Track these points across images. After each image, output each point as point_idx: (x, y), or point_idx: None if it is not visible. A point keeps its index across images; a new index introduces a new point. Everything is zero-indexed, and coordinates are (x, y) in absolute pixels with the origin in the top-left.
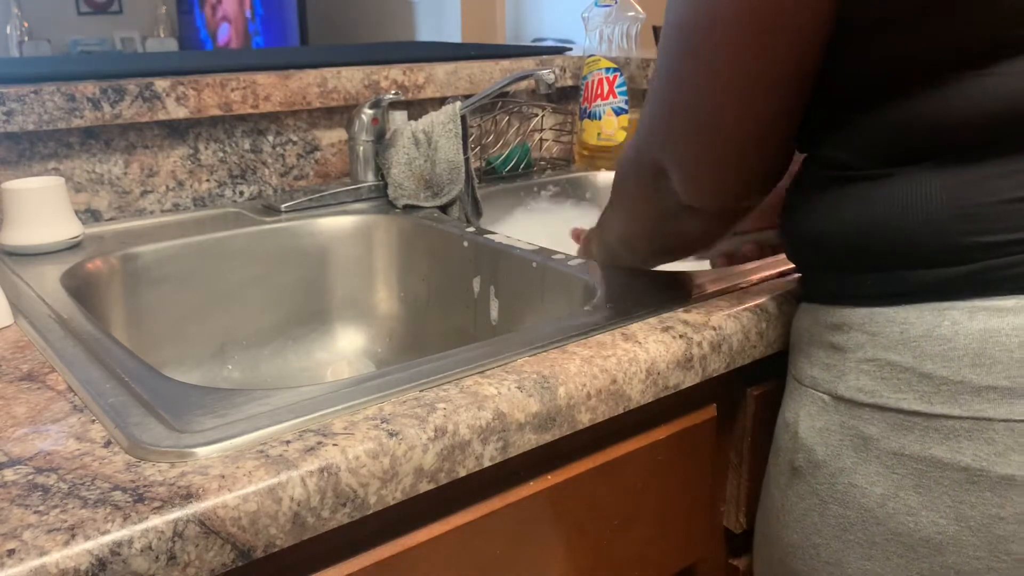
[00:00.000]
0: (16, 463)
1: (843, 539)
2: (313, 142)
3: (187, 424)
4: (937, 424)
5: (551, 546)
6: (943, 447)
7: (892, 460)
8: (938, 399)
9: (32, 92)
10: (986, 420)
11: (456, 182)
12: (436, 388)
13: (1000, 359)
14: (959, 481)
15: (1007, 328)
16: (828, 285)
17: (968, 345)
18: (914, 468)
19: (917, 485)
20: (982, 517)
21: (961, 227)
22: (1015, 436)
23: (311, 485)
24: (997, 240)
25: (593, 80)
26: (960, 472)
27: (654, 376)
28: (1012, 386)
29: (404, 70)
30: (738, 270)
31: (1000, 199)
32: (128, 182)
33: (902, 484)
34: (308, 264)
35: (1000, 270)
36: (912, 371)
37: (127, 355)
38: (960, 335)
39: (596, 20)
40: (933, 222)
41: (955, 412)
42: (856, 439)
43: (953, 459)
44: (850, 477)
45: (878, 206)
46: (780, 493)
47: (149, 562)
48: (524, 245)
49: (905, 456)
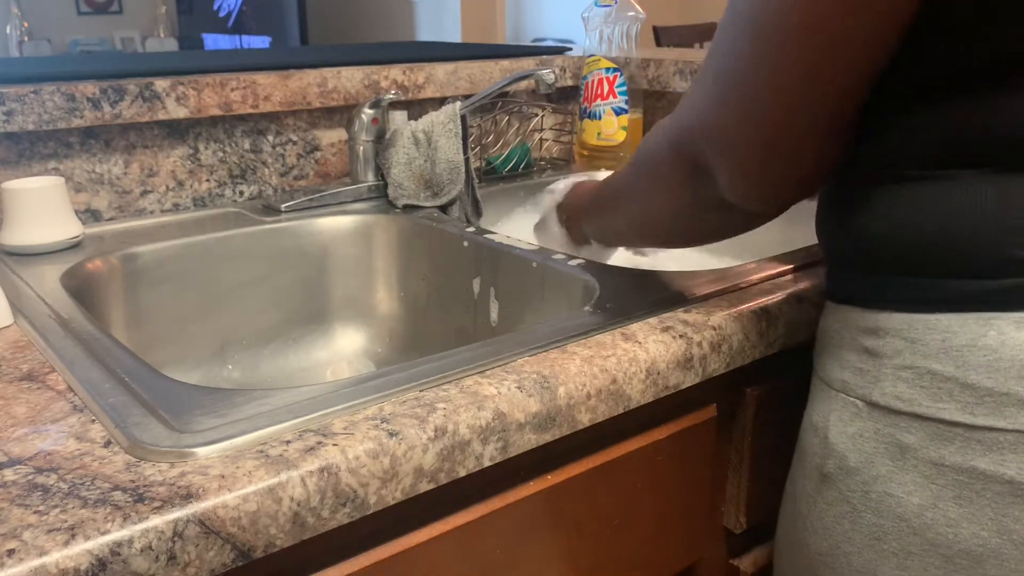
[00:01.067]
0: (16, 463)
1: (876, 548)
2: (313, 142)
3: (187, 424)
4: (980, 436)
5: (551, 546)
6: (986, 459)
7: (931, 470)
8: (982, 410)
9: (32, 92)
10: None
11: (456, 182)
12: (436, 388)
13: None
14: (1002, 494)
15: None
16: (865, 287)
17: (1015, 356)
18: (955, 479)
19: (958, 496)
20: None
21: (1012, 239)
22: None
23: (311, 485)
24: None
25: (593, 80)
26: (1004, 485)
27: (654, 376)
28: None
29: (404, 70)
30: (738, 270)
31: None
32: (128, 182)
33: (941, 495)
34: (308, 264)
35: None
36: (954, 381)
37: (127, 355)
38: (1007, 346)
39: (596, 20)
40: (983, 232)
41: (1000, 424)
42: (892, 447)
43: (997, 471)
44: (885, 486)
45: (928, 210)
46: (807, 499)
47: (149, 562)
48: (524, 245)
49: (945, 467)
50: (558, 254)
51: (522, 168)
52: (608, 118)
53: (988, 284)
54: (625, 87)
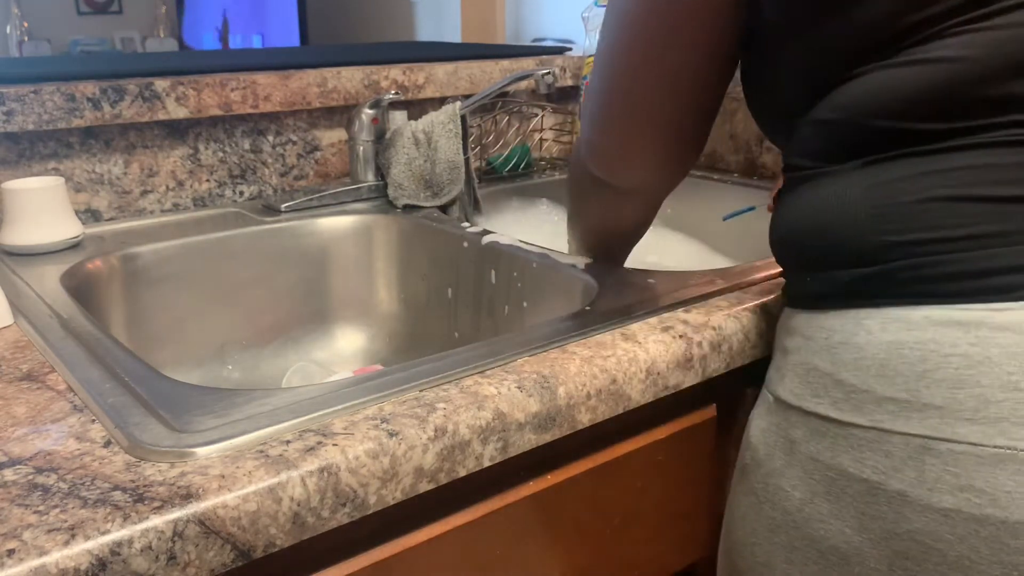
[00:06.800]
0: (16, 463)
1: (771, 540)
2: (313, 142)
3: (187, 424)
4: (846, 432)
5: (551, 546)
6: (848, 456)
7: (810, 465)
8: (847, 407)
9: (32, 92)
10: (885, 432)
11: (456, 182)
12: (436, 388)
13: (902, 371)
14: (862, 492)
15: (911, 341)
16: (789, 287)
17: (876, 355)
18: (826, 475)
19: (828, 492)
20: (880, 531)
21: (876, 226)
22: (909, 450)
23: (311, 485)
24: (908, 239)
25: None
26: (862, 483)
27: (654, 376)
28: (910, 399)
29: (404, 70)
30: (738, 270)
31: (911, 199)
32: (128, 182)
33: (816, 490)
34: (308, 264)
35: (910, 270)
36: (830, 377)
37: (127, 355)
38: (871, 344)
39: (596, 20)
40: (852, 220)
41: (860, 421)
42: (785, 441)
43: (857, 470)
44: (779, 479)
45: (810, 206)
46: (733, 489)
47: (149, 562)
48: (525, 245)
49: (819, 462)
50: (558, 254)
51: (522, 168)
52: None
53: (862, 272)
54: None
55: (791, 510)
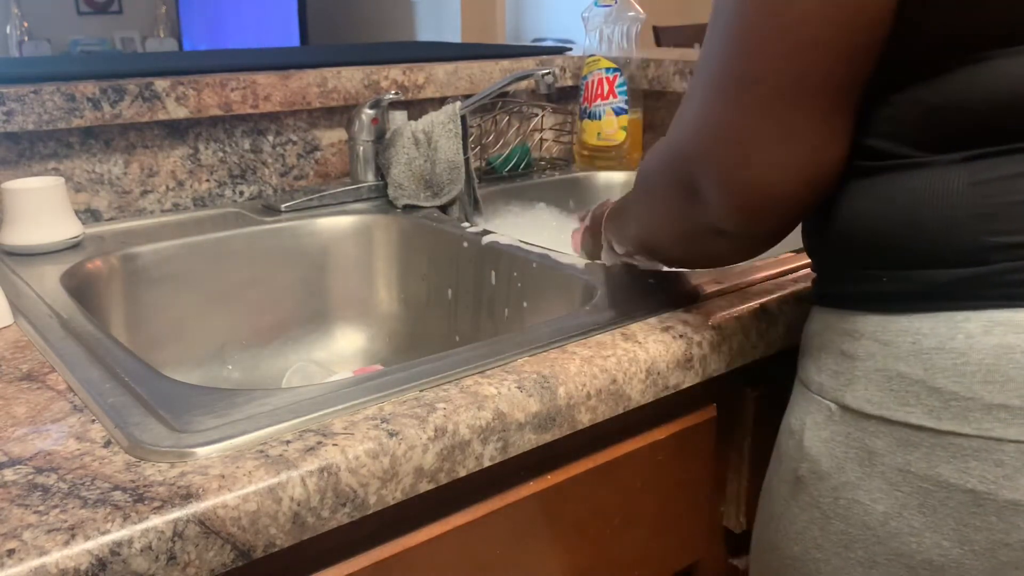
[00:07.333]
0: (16, 463)
1: (844, 556)
2: (313, 142)
3: (187, 424)
4: (945, 442)
5: (551, 546)
6: (949, 466)
7: (897, 477)
8: (947, 415)
9: (32, 92)
10: (995, 440)
11: (456, 182)
12: (436, 388)
13: (1014, 377)
14: (965, 503)
15: (1022, 345)
16: (844, 287)
17: (982, 360)
18: (919, 487)
19: (922, 505)
20: (986, 542)
21: (981, 226)
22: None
23: (311, 485)
24: (1015, 241)
25: (593, 80)
26: (966, 494)
27: (654, 376)
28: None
29: (404, 70)
30: (738, 270)
31: (1022, 199)
32: (128, 182)
33: (907, 503)
34: (308, 264)
35: (1015, 273)
36: (922, 384)
37: (127, 355)
38: (974, 349)
39: (596, 20)
40: (954, 218)
41: (964, 430)
42: (861, 452)
43: (960, 480)
44: (854, 492)
45: (901, 198)
46: (782, 502)
47: (149, 562)
48: (525, 245)
49: (910, 473)
50: (558, 254)
51: (522, 168)
52: (608, 118)
53: (957, 273)
54: (625, 87)
55: (872, 524)
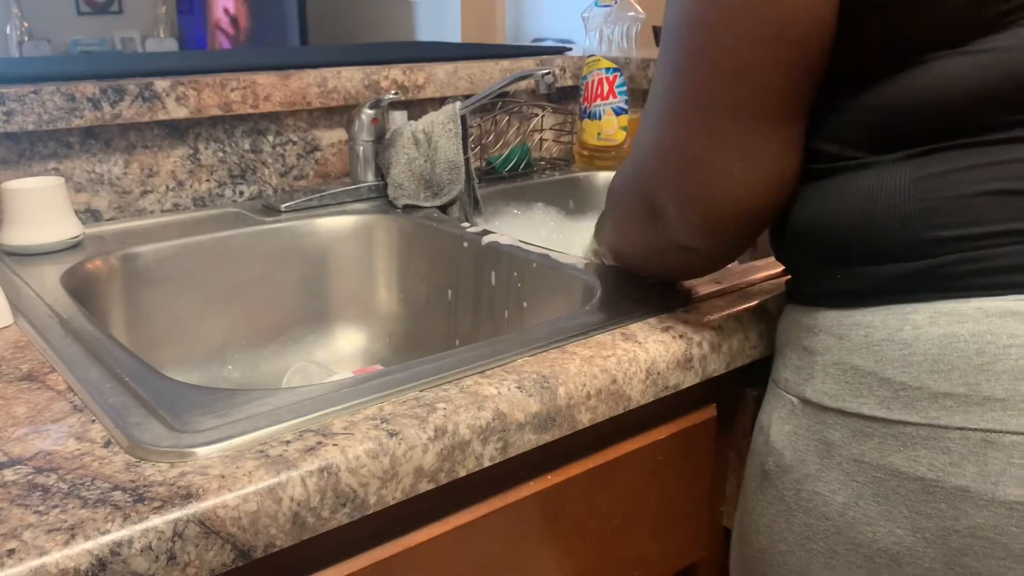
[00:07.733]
0: (16, 463)
1: (807, 548)
2: (313, 142)
3: (187, 424)
4: (895, 431)
5: (551, 546)
6: (900, 455)
7: (853, 467)
8: (897, 405)
9: (32, 92)
10: (942, 428)
11: (456, 182)
12: (436, 388)
13: (958, 365)
14: (915, 491)
15: (966, 334)
16: (806, 285)
17: (928, 350)
18: (873, 476)
19: (876, 494)
20: (937, 529)
21: (925, 221)
22: (969, 445)
23: (311, 485)
24: (959, 234)
25: (593, 80)
26: (916, 482)
27: (654, 376)
28: (968, 393)
29: (404, 70)
30: (738, 270)
31: (963, 192)
32: (128, 182)
33: (862, 493)
34: (308, 264)
35: (960, 264)
36: (873, 375)
37: (127, 355)
38: (920, 340)
39: (596, 20)
40: (900, 214)
41: (913, 419)
42: (820, 444)
43: (910, 468)
44: (814, 484)
45: (850, 198)
46: (752, 496)
47: (149, 562)
48: (525, 245)
49: (865, 464)
50: (558, 254)
51: (522, 168)
52: (608, 118)
53: (903, 267)
54: (625, 87)
55: (831, 515)
